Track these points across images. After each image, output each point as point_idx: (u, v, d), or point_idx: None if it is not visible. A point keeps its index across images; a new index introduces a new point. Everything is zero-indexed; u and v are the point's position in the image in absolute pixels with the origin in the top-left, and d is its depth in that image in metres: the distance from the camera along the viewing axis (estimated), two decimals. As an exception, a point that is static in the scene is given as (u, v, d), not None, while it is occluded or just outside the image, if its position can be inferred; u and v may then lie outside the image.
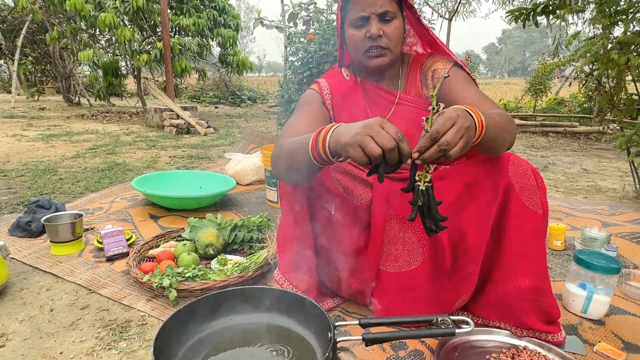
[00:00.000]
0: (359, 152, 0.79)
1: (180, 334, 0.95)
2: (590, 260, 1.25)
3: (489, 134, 0.89)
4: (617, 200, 2.72)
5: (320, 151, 0.90)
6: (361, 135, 0.79)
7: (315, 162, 0.93)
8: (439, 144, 0.77)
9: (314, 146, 0.91)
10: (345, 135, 0.82)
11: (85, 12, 6.10)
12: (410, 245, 1.19)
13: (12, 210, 2.24)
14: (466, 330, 0.89)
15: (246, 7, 43.94)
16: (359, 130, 0.80)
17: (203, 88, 11.81)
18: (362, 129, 0.80)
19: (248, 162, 2.82)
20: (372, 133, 0.78)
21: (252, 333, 1.01)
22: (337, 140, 0.86)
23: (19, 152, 3.89)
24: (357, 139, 0.79)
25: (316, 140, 0.91)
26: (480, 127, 0.86)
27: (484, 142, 0.90)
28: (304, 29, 4.47)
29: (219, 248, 1.65)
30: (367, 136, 0.78)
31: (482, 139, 0.88)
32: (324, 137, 0.89)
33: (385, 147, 0.77)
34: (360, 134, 0.79)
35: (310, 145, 0.92)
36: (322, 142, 0.89)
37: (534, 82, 7.68)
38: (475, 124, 0.84)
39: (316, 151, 0.91)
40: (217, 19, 7.60)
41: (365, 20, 1.15)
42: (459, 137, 0.78)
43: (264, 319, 1.04)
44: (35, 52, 10.03)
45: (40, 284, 1.47)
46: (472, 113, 0.85)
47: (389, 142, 0.77)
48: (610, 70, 2.41)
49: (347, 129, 0.84)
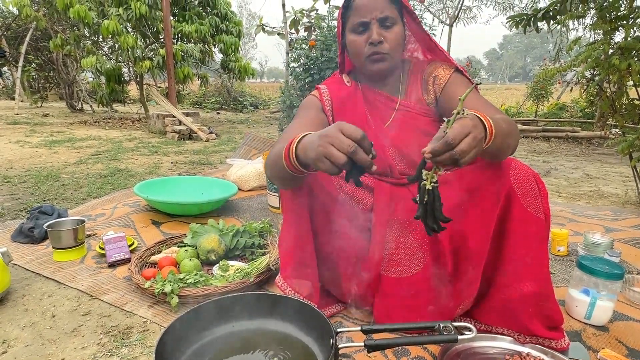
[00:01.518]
0: (327, 163, 0.78)
1: (182, 340, 0.95)
2: (594, 266, 1.24)
3: (497, 141, 0.89)
4: (620, 205, 2.71)
5: (293, 163, 0.90)
6: (323, 147, 0.77)
7: (292, 173, 0.94)
8: (454, 152, 0.77)
9: (286, 158, 0.91)
10: (310, 150, 0.82)
11: (88, 19, 6.16)
12: (412, 251, 1.19)
13: (15, 216, 2.25)
14: (469, 336, 0.89)
15: (248, 13, 44.23)
16: (320, 142, 0.78)
17: (205, 94, 11.87)
18: (323, 139, 0.78)
19: (250, 168, 2.83)
20: (332, 141, 0.77)
21: (253, 339, 1.01)
22: (305, 153, 0.85)
23: (22, 158, 3.91)
24: (320, 151, 0.78)
25: (288, 152, 0.91)
26: (490, 134, 0.86)
27: (491, 149, 0.90)
28: (305, 36, 4.50)
29: (221, 254, 1.65)
30: (329, 145, 0.77)
31: (489, 146, 0.88)
32: (292, 149, 0.89)
33: (347, 151, 0.76)
34: (322, 145, 0.78)
35: (283, 157, 0.92)
36: (292, 154, 0.89)
37: (536, 87, 7.69)
38: (485, 131, 0.85)
39: (289, 162, 0.91)
40: (219, 26, 7.66)
41: (366, 26, 1.16)
42: (472, 147, 0.78)
43: (265, 325, 1.04)
44: (39, 59, 10.11)
45: (42, 290, 1.47)
46: (483, 120, 0.85)
47: (348, 147, 0.75)
48: (612, 76, 2.41)
49: (310, 141, 0.83)
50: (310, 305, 1.00)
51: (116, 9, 6.32)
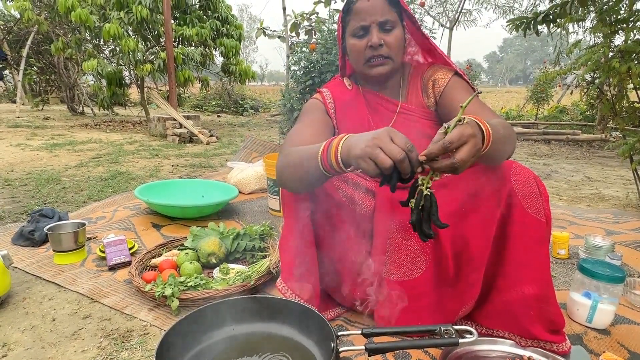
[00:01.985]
0: (370, 164, 0.80)
1: (182, 344, 0.95)
2: (595, 269, 1.24)
3: (494, 147, 0.90)
4: (621, 208, 2.70)
5: (333, 162, 0.90)
6: (371, 148, 0.79)
7: (324, 173, 0.94)
8: (455, 161, 0.78)
9: (324, 157, 0.91)
10: (355, 148, 0.83)
11: (90, 23, 6.18)
12: (414, 254, 1.19)
13: (16, 219, 2.25)
14: (470, 340, 0.89)
15: (249, 17, 44.40)
16: (369, 143, 0.80)
17: (206, 97, 11.89)
18: (371, 141, 0.80)
19: (250, 171, 2.83)
20: (381, 144, 0.78)
21: (254, 343, 1.01)
22: (348, 151, 0.86)
23: (23, 161, 3.92)
24: (367, 152, 0.79)
25: (327, 151, 0.90)
26: (487, 140, 0.86)
27: (488, 154, 0.90)
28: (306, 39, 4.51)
29: (222, 257, 1.65)
30: (377, 148, 0.79)
31: (487, 152, 0.88)
32: (336, 148, 0.89)
33: (395, 158, 0.77)
34: (370, 146, 0.79)
35: (320, 156, 0.92)
36: (334, 153, 0.89)
37: (536, 90, 7.70)
38: (483, 136, 0.85)
39: (327, 162, 0.91)
40: (220, 29, 7.68)
41: (366, 29, 1.16)
42: (470, 155, 0.79)
43: (266, 329, 1.04)
44: (40, 63, 10.15)
45: (42, 294, 1.47)
46: (481, 125, 0.85)
47: (398, 154, 0.77)
48: (612, 79, 2.41)
49: (357, 140, 0.84)
50: (311, 308, 1.00)
51: (117, 12, 6.34)
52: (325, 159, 0.91)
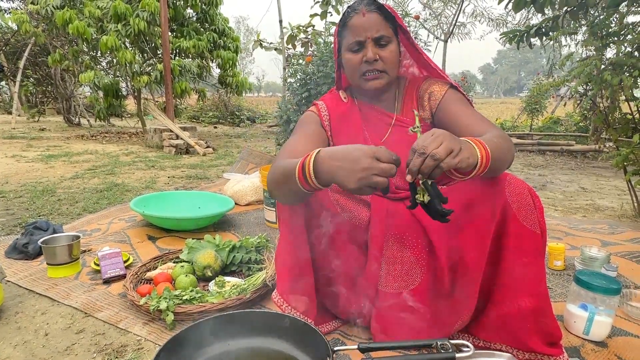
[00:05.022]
0: (369, 190, 0.84)
1: (177, 359, 0.93)
2: (591, 280, 1.24)
3: (494, 162, 0.93)
4: (616, 218, 2.72)
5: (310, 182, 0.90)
6: (366, 178, 0.81)
7: (305, 192, 0.95)
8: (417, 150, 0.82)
9: (300, 176, 0.91)
10: (347, 181, 0.83)
11: (87, 35, 6.21)
12: (409, 266, 1.18)
13: (10, 232, 2.23)
14: (466, 354, 0.88)
15: (246, 29, 44.79)
16: (361, 174, 0.82)
17: (202, 108, 11.92)
18: (362, 172, 0.82)
19: (247, 183, 2.83)
20: (374, 171, 0.81)
21: (250, 358, 0.99)
22: (332, 178, 0.86)
23: (17, 172, 3.90)
24: (364, 183, 0.82)
25: (302, 171, 0.91)
26: (486, 159, 0.90)
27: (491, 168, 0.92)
28: (302, 51, 4.55)
29: (217, 270, 1.64)
30: (372, 176, 0.81)
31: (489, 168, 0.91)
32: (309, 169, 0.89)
33: (391, 175, 0.82)
34: (364, 176, 0.82)
35: (297, 176, 0.92)
36: (309, 173, 0.90)
37: (530, 102, 7.78)
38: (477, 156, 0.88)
39: (304, 181, 0.91)
40: (217, 42, 7.73)
41: (362, 44, 1.18)
42: (438, 142, 0.82)
43: (261, 343, 1.03)
44: (37, 74, 10.16)
45: (35, 308, 1.45)
46: (475, 146, 0.88)
47: (391, 169, 0.82)
48: (604, 91, 2.45)
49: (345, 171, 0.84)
50: (307, 323, 0.99)
51: (115, 25, 6.38)
52: (302, 179, 0.92)
